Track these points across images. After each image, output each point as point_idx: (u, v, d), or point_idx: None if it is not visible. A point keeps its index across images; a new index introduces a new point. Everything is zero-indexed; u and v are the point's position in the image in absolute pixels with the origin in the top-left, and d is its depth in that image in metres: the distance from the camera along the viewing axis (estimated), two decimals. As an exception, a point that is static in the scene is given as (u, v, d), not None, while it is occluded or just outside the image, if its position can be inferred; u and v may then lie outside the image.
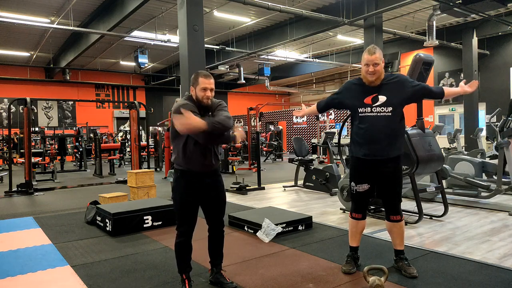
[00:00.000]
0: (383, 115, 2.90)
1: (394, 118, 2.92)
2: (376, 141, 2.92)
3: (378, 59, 2.90)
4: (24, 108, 7.95)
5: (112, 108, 20.93)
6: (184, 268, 2.78)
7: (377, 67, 2.90)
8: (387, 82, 2.97)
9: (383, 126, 2.90)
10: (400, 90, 2.95)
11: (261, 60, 16.96)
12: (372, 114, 2.92)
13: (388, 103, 2.90)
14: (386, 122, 2.90)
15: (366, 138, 2.95)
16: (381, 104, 2.91)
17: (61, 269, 3.36)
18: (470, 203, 5.59)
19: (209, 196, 2.77)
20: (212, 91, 2.67)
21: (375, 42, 10.34)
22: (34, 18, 11.35)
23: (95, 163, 11.58)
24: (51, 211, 6.06)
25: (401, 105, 2.96)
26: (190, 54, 7.16)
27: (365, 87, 2.99)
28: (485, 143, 13.08)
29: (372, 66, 2.90)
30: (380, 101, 2.91)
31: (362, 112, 2.96)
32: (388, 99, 2.90)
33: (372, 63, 2.90)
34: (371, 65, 2.90)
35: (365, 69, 2.94)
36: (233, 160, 11.76)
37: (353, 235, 3.17)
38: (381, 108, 2.90)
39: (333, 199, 6.43)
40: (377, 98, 2.92)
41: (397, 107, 2.92)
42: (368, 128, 2.93)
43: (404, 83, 2.99)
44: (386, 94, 2.92)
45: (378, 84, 2.96)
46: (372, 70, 2.90)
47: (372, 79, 2.93)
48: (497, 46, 15.02)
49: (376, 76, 2.92)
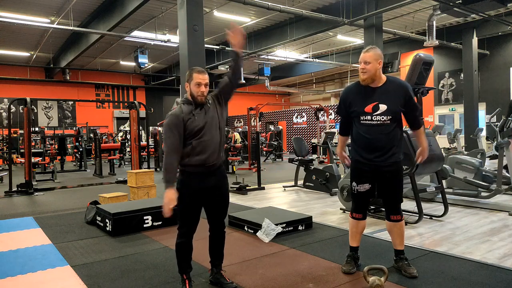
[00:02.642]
0: (382, 123, 2.89)
1: (392, 126, 2.92)
2: (376, 149, 2.92)
3: (370, 58, 2.87)
4: (24, 108, 7.95)
5: (112, 108, 20.94)
6: (184, 268, 2.78)
7: (367, 65, 2.88)
8: (387, 85, 2.94)
9: (383, 134, 2.90)
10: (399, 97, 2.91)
11: (261, 60, 16.97)
12: (372, 123, 2.91)
13: (388, 112, 2.88)
14: (385, 131, 2.90)
15: (366, 145, 2.96)
16: (381, 113, 2.89)
17: (61, 269, 3.36)
18: (470, 203, 5.59)
19: (213, 198, 2.76)
20: (206, 86, 2.66)
21: (375, 42, 10.35)
22: (34, 18, 11.36)
23: (95, 163, 11.58)
24: (51, 211, 6.06)
25: (399, 113, 2.94)
26: (190, 54, 7.16)
27: (364, 89, 2.96)
28: (485, 143, 13.09)
29: (363, 64, 2.90)
30: (381, 110, 2.89)
31: (363, 120, 2.94)
32: (388, 108, 2.88)
33: (363, 60, 2.91)
34: (362, 62, 2.91)
35: (359, 67, 2.98)
36: (233, 160, 11.76)
37: (353, 235, 3.17)
38: (381, 117, 2.89)
39: (333, 199, 6.43)
40: (378, 106, 2.89)
41: (396, 115, 2.92)
42: (368, 136, 2.92)
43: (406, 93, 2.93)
44: (386, 103, 2.89)
45: (377, 86, 2.93)
46: (363, 67, 2.90)
47: (363, 77, 2.92)
48: (497, 46, 15.02)
49: (367, 75, 2.90)
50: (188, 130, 2.62)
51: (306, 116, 20.46)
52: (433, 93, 16.57)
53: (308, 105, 18.93)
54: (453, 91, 16.28)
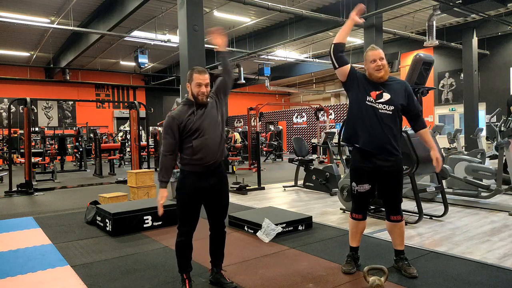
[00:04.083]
0: (384, 112, 2.90)
1: (393, 118, 2.92)
2: (375, 134, 2.90)
3: (383, 54, 2.94)
4: (24, 108, 7.95)
5: (112, 108, 20.94)
6: (184, 268, 2.78)
7: (383, 61, 2.92)
8: (391, 82, 2.99)
9: (383, 122, 2.89)
10: (400, 92, 2.96)
11: (261, 60, 16.97)
12: (374, 106, 2.91)
13: (391, 102, 2.91)
14: (386, 119, 2.90)
15: (366, 129, 2.92)
16: (384, 102, 2.91)
17: (61, 269, 3.36)
18: (470, 203, 5.59)
19: (214, 198, 2.77)
20: (207, 86, 2.67)
21: (375, 42, 10.35)
22: (34, 18, 11.36)
23: (95, 163, 11.58)
24: (51, 211, 6.06)
25: (401, 108, 2.95)
26: (190, 54, 7.17)
27: (372, 83, 2.98)
28: (485, 143, 13.09)
29: (379, 60, 2.90)
30: (384, 99, 2.91)
31: (368, 101, 2.92)
32: (391, 98, 2.92)
33: (378, 57, 2.91)
34: (378, 59, 2.90)
35: (372, 65, 2.92)
36: (233, 160, 11.76)
37: (354, 235, 3.17)
38: (383, 105, 2.91)
39: (333, 199, 6.43)
40: (382, 95, 2.93)
41: (398, 108, 2.93)
42: (368, 120, 2.91)
43: (406, 88, 2.99)
44: (390, 93, 2.93)
45: (383, 81, 2.96)
46: (380, 64, 2.90)
47: (380, 75, 2.91)
48: (497, 46, 15.03)
49: (384, 71, 2.92)
50: (188, 130, 2.62)
51: (306, 116, 20.47)
52: (433, 93, 16.58)
53: (308, 105, 18.93)
54: (453, 91, 16.29)
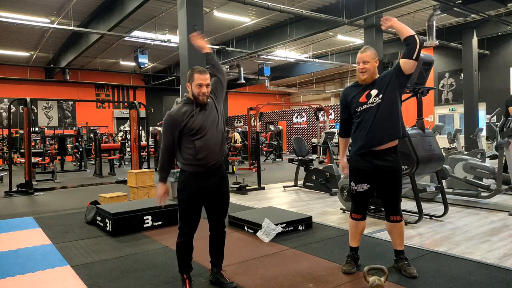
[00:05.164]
0: (376, 104, 2.96)
1: (385, 104, 2.94)
2: (371, 130, 2.94)
3: (368, 57, 2.97)
4: (24, 108, 7.95)
5: (112, 108, 20.94)
6: (185, 268, 2.78)
7: (366, 64, 2.97)
8: (379, 79, 3.04)
9: (377, 114, 2.94)
10: (386, 79, 3.00)
11: (261, 60, 16.97)
12: (366, 107, 2.98)
13: (379, 93, 2.97)
14: (378, 109, 2.94)
15: (362, 129, 2.98)
16: (373, 96, 2.97)
17: (61, 269, 3.36)
18: (470, 203, 5.59)
19: (214, 198, 2.77)
20: (208, 86, 2.67)
21: (375, 42, 10.35)
22: (34, 18, 11.35)
23: (95, 163, 11.57)
24: (51, 211, 6.06)
25: (390, 91, 2.96)
26: (190, 54, 7.16)
27: (361, 87, 3.06)
28: (485, 143, 13.09)
29: (362, 64, 2.98)
30: (373, 95, 2.98)
31: (359, 110, 3.01)
32: (378, 91, 2.98)
33: (361, 60, 2.99)
34: (361, 62, 2.99)
35: (357, 67, 3.03)
36: (233, 160, 11.76)
37: (353, 235, 3.17)
38: (373, 99, 2.97)
39: (333, 199, 6.43)
40: (370, 94, 3.00)
41: (386, 93, 2.95)
42: (363, 120, 2.98)
43: (387, 72, 3.06)
44: (377, 88, 2.99)
45: (371, 82, 3.01)
46: (362, 67, 2.98)
47: (363, 77, 3.00)
48: (497, 46, 15.02)
49: (367, 75, 2.99)
50: (189, 130, 2.62)
51: (306, 116, 20.47)
52: (433, 93, 16.57)
53: (308, 105, 18.92)
54: (453, 91, 16.28)
